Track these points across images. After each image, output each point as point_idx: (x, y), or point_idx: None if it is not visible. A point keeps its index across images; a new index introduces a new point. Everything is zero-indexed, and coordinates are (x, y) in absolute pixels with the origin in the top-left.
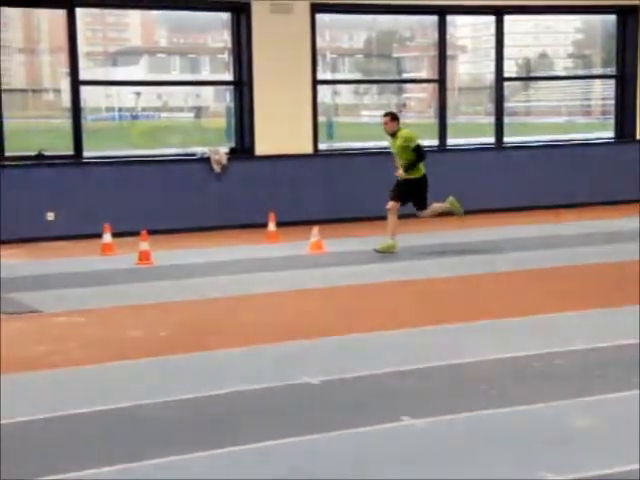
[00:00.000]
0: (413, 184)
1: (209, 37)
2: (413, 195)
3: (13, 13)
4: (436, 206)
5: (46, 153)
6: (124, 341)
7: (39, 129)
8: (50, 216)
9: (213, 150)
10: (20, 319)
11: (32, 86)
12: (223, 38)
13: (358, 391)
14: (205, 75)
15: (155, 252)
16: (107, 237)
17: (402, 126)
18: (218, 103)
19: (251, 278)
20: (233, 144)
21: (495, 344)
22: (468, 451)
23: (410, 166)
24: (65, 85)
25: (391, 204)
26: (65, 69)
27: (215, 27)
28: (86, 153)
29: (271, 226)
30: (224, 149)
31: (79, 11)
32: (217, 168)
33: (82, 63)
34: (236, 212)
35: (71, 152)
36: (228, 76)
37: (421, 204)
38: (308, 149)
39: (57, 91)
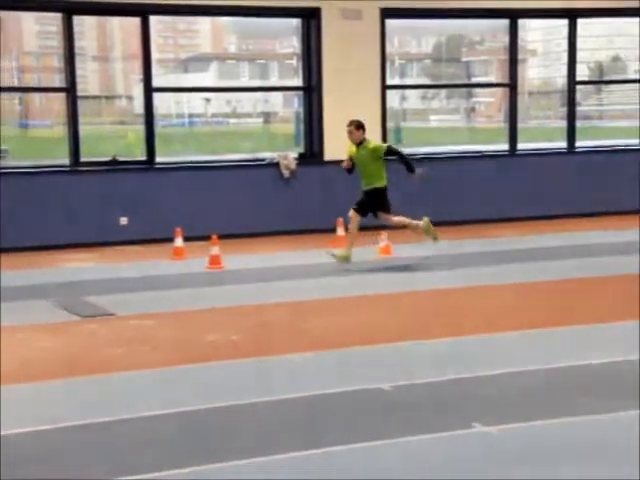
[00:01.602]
0: (377, 194)
1: (278, 43)
2: (377, 205)
3: (88, 22)
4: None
5: (119, 159)
6: (195, 344)
7: (112, 135)
8: (123, 221)
9: (282, 155)
10: (94, 321)
11: (105, 93)
12: (292, 44)
13: (428, 397)
14: (274, 81)
15: (225, 256)
16: (178, 241)
17: (471, 130)
18: (287, 108)
19: (320, 282)
20: (302, 149)
21: (572, 351)
22: (539, 460)
23: (408, 164)
24: (137, 92)
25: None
26: (137, 76)
27: (284, 33)
28: (158, 159)
29: (340, 231)
30: (293, 154)
31: (152, 19)
32: (286, 173)
33: (154, 70)
34: (305, 217)
35: (144, 158)
36: (297, 82)
37: (386, 209)
38: None
39: (129, 98)
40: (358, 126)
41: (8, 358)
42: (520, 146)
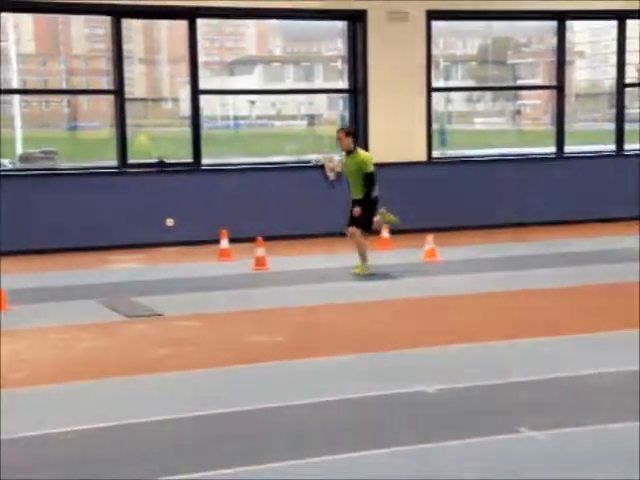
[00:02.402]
0: (366, 204)
1: (323, 45)
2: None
3: (135, 25)
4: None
5: (166, 160)
6: (241, 345)
7: (158, 137)
8: (170, 222)
9: (327, 157)
10: (141, 322)
11: (152, 95)
12: (337, 46)
13: (474, 400)
14: (318, 83)
15: (271, 258)
16: (224, 243)
17: (517, 133)
18: (331, 111)
19: (365, 285)
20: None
21: (620, 356)
22: (586, 465)
23: (362, 190)
24: (183, 94)
25: (351, 230)
26: (183, 78)
27: (329, 35)
28: (204, 161)
29: (384, 233)
30: (338, 156)
31: (199, 22)
32: (331, 175)
33: (200, 72)
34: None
35: (190, 160)
36: (342, 84)
37: (363, 224)
38: (422, 157)
39: (175, 100)
40: (348, 133)
41: (57, 357)
42: (567, 149)
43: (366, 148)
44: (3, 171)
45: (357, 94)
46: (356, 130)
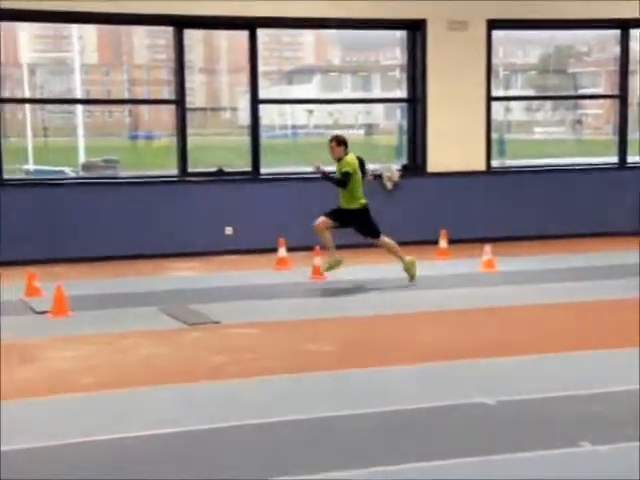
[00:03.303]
0: (353, 214)
1: (380, 55)
2: (354, 225)
3: (195, 35)
4: (396, 248)
5: (225, 169)
6: (298, 354)
7: (217, 146)
8: (228, 230)
9: (385, 167)
10: (199, 329)
11: (211, 104)
12: (395, 55)
13: (534, 413)
14: (376, 93)
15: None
16: (282, 251)
17: (577, 142)
18: (388, 120)
19: (422, 295)
20: (404, 161)
21: None
22: None
23: (328, 179)
24: (242, 103)
25: (320, 219)
26: (242, 88)
27: (387, 45)
28: (263, 169)
29: (442, 243)
30: (396, 166)
31: (259, 32)
32: (389, 185)
33: (259, 82)
34: (407, 229)
35: (249, 168)
36: (400, 93)
37: (371, 233)
38: (481, 166)
39: (234, 109)
40: (339, 142)
41: (119, 363)
42: (630, 158)
43: (424, 158)
44: (66, 179)
45: (416, 103)
46: (345, 138)
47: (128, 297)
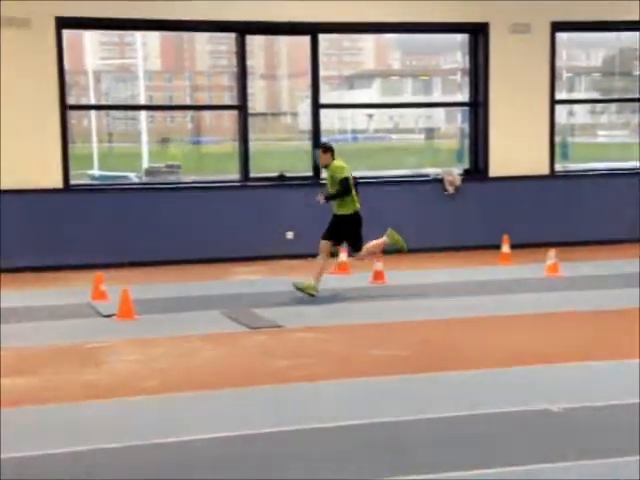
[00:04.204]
0: (344, 221)
1: (441, 58)
2: (346, 233)
3: (256, 41)
4: (373, 244)
5: (286, 174)
6: (361, 358)
7: (278, 151)
8: (289, 235)
9: (447, 171)
10: (262, 333)
11: (271, 110)
12: (456, 59)
13: (601, 420)
14: (436, 96)
15: (389, 271)
16: (343, 256)
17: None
18: (449, 124)
19: (486, 300)
20: (466, 165)
21: None
22: None
23: (333, 197)
24: (302, 108)
25: (322, 243)
26: (302, 93)
27: (448, 48)
28: (323, 174)
29: (505, 248)
30: (458, 170)
31: (320, 37)
32: (450, 189)
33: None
34: (469, 233)
35: (310, 173)
36: (461, 97)
37: (354, 244)
38: (544, 170)
39: (294, 114)
40: (326, 149)
41: (184, 366)
42: None
43: (486, 161)
44: (130, 185)
45: (477, 107)
46: (331, 145)
47: (192, 301)
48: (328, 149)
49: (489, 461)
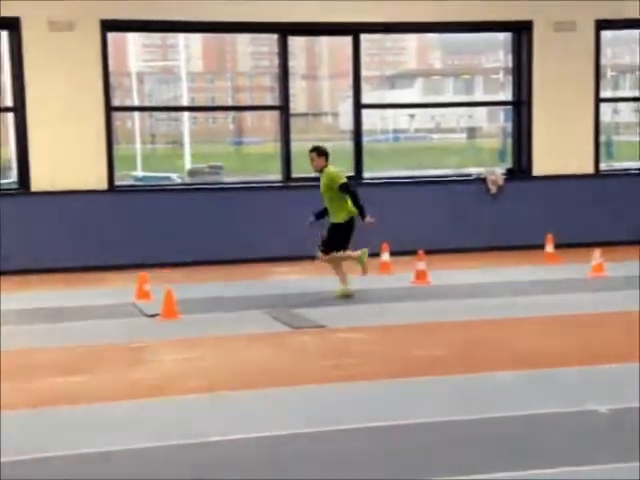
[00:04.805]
0: (343, 227)
1: (483, 57)
2: (341, 238)
3: (298, 42)
4: (349, 254)
5: None
6: (404, 359)
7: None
8: None
9: (489, 171)
10: (305, 333)
11: (312, 110)
12: (498, 58)
13: None
14: (478, 96)
15: (431, 272)
16: (385, 256)
17: None
18: (491, 123)
19: (531, 300)
20: (508, 164)
21: None
22: None
23: (360, 207)
24: (343, 108)
25: (323, 257)
26: (343, 93)
27: (490, 47)
28: (365, 174)
29: (549, 248)
30: (500, 170)
31: (362, 37)
32: (493, 189)
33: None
34: (512, 233)
35: (352, 173)
36: (504, 96)
37: (334, 246)
38: (589, 169)
39: (335, 115)
40: (320, 153)
41: (228, 366)
42: None
43: (529, 161)
44: (173, 186)
45: (521, 106)
46: (326, 149)
47: (235, 301)
48: (323, 153)
49: (536, 462)
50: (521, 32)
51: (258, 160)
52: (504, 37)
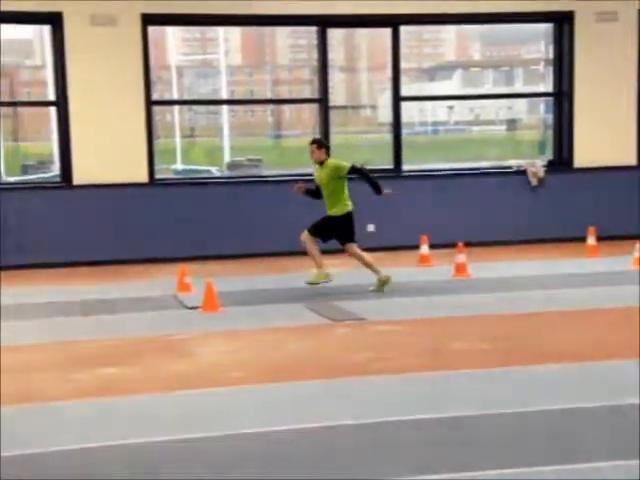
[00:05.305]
0: (339, 221)
1: (523, 48)
2: (336, 233)
3: (336, 34)
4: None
5: (367, 167)
6: (443, 351)
7: (357, 144)
8: (370, 227)
9: (530, 163)
10: (344, 325)
11: (351, 103)
12: (539, 49)
13: None
14: (518, 87)
15: (471, 264)
16: (424, 249)
17: None
18: (531, 115)
19: (571, 293)
20: (549, 156)
21: None
22: None
23: (375, 183)
24: (382, 101)
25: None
26: (382, 86)
27: (530, 38)
28: (404, 167)
29: (591, 240)
30: (541, 162)
31: (401, 29)
32: (533, 181)
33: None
34: (553, 225)
35: (391, 166)
36: (544, 87)
37: (347, 239)
38: (631, 161)
39: (373, 107)
40: (320, 145)
41: (269, 358)
42: None
43: (571, 152)
44: (212, 179)
45: (562, 97)
46: (327, 143)
47: (274, 293)
48: (323, 145)
49: (582, 456)
50: (563, 23)
51: (297, 153)
52: (545, 28)
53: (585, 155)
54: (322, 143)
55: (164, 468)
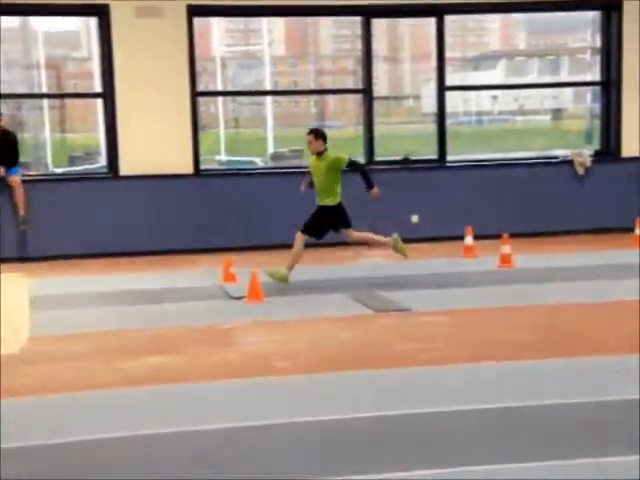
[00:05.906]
0: (332, 210)
1: (569, 37)
2: (333, 222)
3: (379, 24)
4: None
5: (411, 157)
6: (489, 343)
7: (401, 134)
8: (414, 218)
9: (576, 152)
10: (389, 316)
11: (394, 93)
12: (585, 37)
13: None
14: (563, 76)
15: (516, 255)
16: (469, 239)
17: None
18: (577, 104)
19: (618, 284)
20: (595, 146)
21: None
22: None
23: (367, 177)
24: (425, 91)
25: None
26: (425, 76)
27: (576, 26)
28: (448, 157)
29: (638, 231)
30: (588, 151)
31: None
32: (580, 171)
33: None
34: (600, 216)
35: (435, 156)
36: (590, 76)
37: (344, 225)
38: None
39: (416, 97)
40: (318, 135)
41: (314, 348)
42: None
43: (618, 142)
44: (256, 169)
45: (610, 86)
46: (324, 132)
47: (319, 284)
48: (321, 135)
49: (621, 448)
50: (610, 11)
51: (340, 144)
52: (592, 15)
53: (633, 145)
54: (320, 133)
55: (213, 454)
